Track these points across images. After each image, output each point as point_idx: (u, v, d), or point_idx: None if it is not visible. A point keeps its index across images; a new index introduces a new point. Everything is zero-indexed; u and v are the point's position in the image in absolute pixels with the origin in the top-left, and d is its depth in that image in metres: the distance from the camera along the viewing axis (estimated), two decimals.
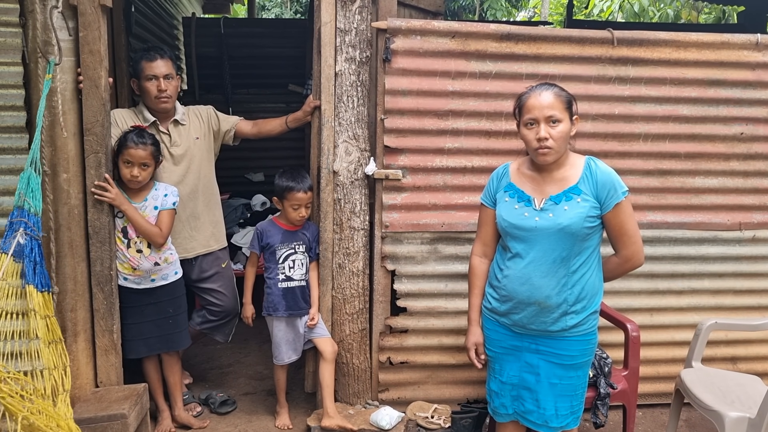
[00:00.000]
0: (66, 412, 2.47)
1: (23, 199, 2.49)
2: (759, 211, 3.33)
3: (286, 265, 3.10)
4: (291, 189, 3.01)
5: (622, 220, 2.21)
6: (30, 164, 2.52)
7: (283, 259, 3.10)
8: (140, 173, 2.81)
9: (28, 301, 2.45)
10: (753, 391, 2.67)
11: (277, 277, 3.10)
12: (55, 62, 2.60)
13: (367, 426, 3.02)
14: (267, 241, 3.11)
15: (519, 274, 2.26)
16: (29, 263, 2.48)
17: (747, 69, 3.18)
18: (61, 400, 2.48)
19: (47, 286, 2.55)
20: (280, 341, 3.15)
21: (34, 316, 2.45)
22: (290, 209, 3.05)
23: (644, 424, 3.29)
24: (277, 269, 3.10)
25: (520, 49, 3.04)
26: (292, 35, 6.15)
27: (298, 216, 3.05)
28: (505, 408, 2.40)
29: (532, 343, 2.30)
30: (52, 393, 2.45)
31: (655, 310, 3.36)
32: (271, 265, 3.12)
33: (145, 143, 2.82)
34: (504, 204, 2.33)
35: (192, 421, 3.17)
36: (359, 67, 3.03)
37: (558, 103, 2.17)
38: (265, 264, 3.17)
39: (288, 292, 3.10)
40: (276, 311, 3.10)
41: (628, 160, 3.17)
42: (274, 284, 3.11)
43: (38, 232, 2.53)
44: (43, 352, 2.46)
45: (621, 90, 3.13)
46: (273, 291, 3.11)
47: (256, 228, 3.18)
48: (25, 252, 2.47)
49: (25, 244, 2.47)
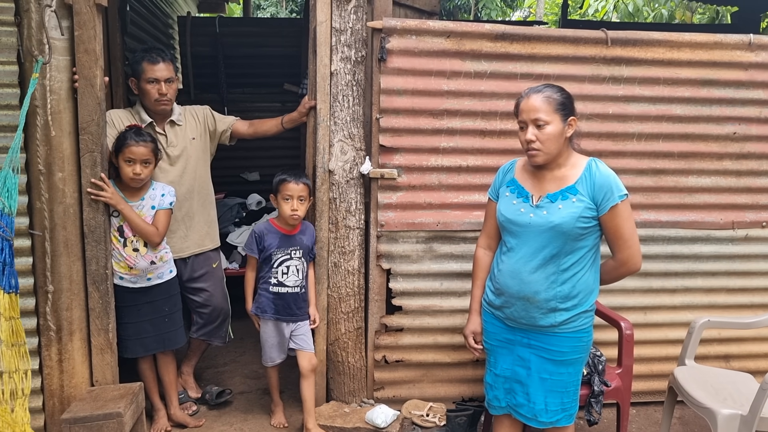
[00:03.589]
0: (24, 417, 2.43)
1: None
2: (752, 210, 3.35)
3: (279, 271, 3.03)
4: (284, 180, 2.96)
5: (617, 223, 2.23)
6: (8, 164, 2.47)
7: (277, 264, 3.03)
8: (142, 170, 2.82)
9: None
10: (745, 389, 2.70)
11: (270, 281, 3.04)
12: (44, 61, 2.59)
13: (363, 424, 3.03)
14: (264, 245, 3.03)
15: (510, 268, 2.31)
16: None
17: (740, 69, 3.20)
18: (19, 404, 2.44)
19: (15, 288, 2.49)
20: (266, 342, 3.12)
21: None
22: (282, 202, 2.96)
23: (638, 422, 3.31)
24: (270, 273, 3.03)
25: (515, 49, 3.05)
26: (287, 34, 6.14)
27: (290, 210, 2.94)
28: (498, 401, 2.44)
29: (524, 338, 2.34)
30: (10, 397, 2.42)
31: (649, 309, 3.38)
32: (265, 269, 3.06)
33: (145, 140, 2.83)
34: (504, 199, 2.39)
35: (188, 419, 3.17)
36: (354, 66, 3.04)
37: (545, 106, 2.21)
38: (259, 264, 3.11)
39: (278, 298, 3.04)
40: (264, 313, 3.06)
41: (622, 160, 3.19)
42: (266, 287, 3.05)
43: (10, 233, 2.47)
44: (5, 355, 2.41)
45: (615, 90, 3.14)
46: (263, 293, 3.06)
47: (253, 230, 3.08)
48: None
49: None
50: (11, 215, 2.49)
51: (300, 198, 2.97)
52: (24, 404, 2.48)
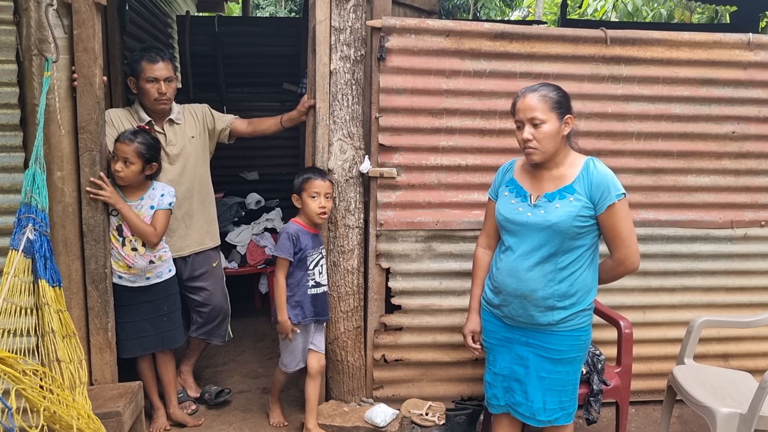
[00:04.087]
0: (84, 403, 2.45)
1: (30, 196, 2.50)
2: (750, 209, 3.35)
3: (316, 271, 2.97)
4: (309, 178, 2.90)
5: (615, 222, 2.23)
6: (35, 161, 2.52)
7: (313, 264, 2.97)
8: (122, 168, 2.77)
9: (41, 296, 2.44)
10: (744, 388, 2.70)
11: (307, 284, 2.95)
12: (53, 60, 2.60)
13: (362, 423, 3.03)
14: (301, 246, 2.92)
15: (508, 266, 2.32)
16: (40, 258, 2.48)
17: (739, 68, 3.20)
18: (78, 392, 2.47)
19: (58, 281, 2.54)
20: (296, 348, 3.02)
21: (48, 311, 2.44)
22: (309, 200, 2.89)
23: (637, 421, 3.32)
24: (308, 275, 2.95)
25: (514, 48, 3.05)
26: (286, 34, 6.15)
27: (318, 207, 2.88)
28: (497, 399, 2.44)
29: (522, 336, 2.35)
30: (69, 385, 2.44)
31: (648, 308, 3.38)
32: (300, 272, 2.94)
33: (131, 139, 2.78)
34: (503, 198, 2.41)
35: (187, 419, 3.17)
36: (354, 65, 3.04)
37: (541, 105, 2.22)
38: (291, 270, 2.94)
39: (316, 299, 2.98)
40: (305, 318, 2.96)
41: (621, 159, 3.20)
42: (303, 291, 2.95)
43: (46, 228, 2.54)
44: (59, 346, 2.45)
45: (614, 89, 3.15)
46: (302, 298, 2.95)
47: (286, 232, 2.94)
48: (35, 248, 2.47)
49: (35, 240, 2.47)
50: (44, 211, 2.53)
51: (326, 195, 2.92)
52: (83, 392, 2.50)
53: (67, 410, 2.23)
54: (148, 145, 2.83)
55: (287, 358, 3.05)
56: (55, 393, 2.23)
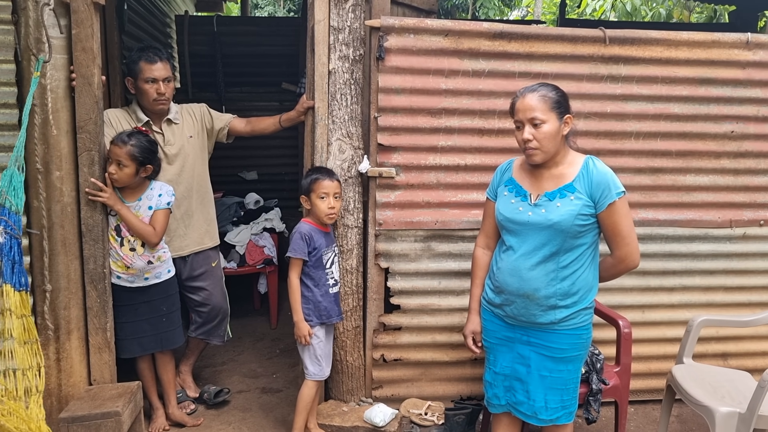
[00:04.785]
0: (38, 413, 2.43)
1: (4, 197, 2.47)
2: (749, 209, 3.36)
3: (333, 270, 2.94)
4: (317, 179, 2.86)
5: (615, 220, 2.24)
6: (14, 162, 2.49)
7: (330, 263, 2.92)
8: (116, 171, 2.75)
9: (4, 301, 2.41)
10: (743, 387, 2.70)
11: (327, 283, 2.90)
12: (44, 60, 2.59)
13: (361, 423, 3.03)
14: (315, 245, 2.86)
15: (510, 266, 2.32)
16: (7, 262, 2.44)
17: (738, 68, 3.20)
18: (33, 401, 2.45)
19: (25, 286, 2.50)
20: (323, 353, 2.91)
21: (10, 316, 2.41)
22: (318, 200, 2.84)
23: (636, 420, 3.32)
24: (326, 275, 2.90)
25: (513, 48, 3.05)
26: (285, 33, 6.15)
27: (327, 207, 2.83)
28: (498, 399, 2.44)
29: (524, 335, 2.34)
30: (24, 394, 2.42)
31: (647, 307, 3.38)
32: (319, 271, 2.88)
33: (124, 142, 2.75)
34: (503, 198, 2.40)
35: (186, 419, 3.17)
36: (353, 65, 3.04)
37: (541, 105, 2.22)
38: (307, 270, 2.89)
39: (334, 298, 2.94)
40: (330, 318, 2.90)
41: (620, 158, 3.20)
42: (325, 290, 2.89)
43: (18, 231, 2.49)
44: (18, 352, 2.42)
45: (613, 88, 3.15)
46: (323, 299, 2.88)
47: (299, 232, 2.86)
48: (4, 251, 2.45)
49: (4, 243, 2.43)
50: (18, 213, 2.50)
51: (335, 195, 2.88)
52: (38, 401, 2.48)
53: (16, 421, 2.21)
54: (141, 148, 2.78)
55: (313, 366, 2.91)
56: (6, 403, 2.21)
